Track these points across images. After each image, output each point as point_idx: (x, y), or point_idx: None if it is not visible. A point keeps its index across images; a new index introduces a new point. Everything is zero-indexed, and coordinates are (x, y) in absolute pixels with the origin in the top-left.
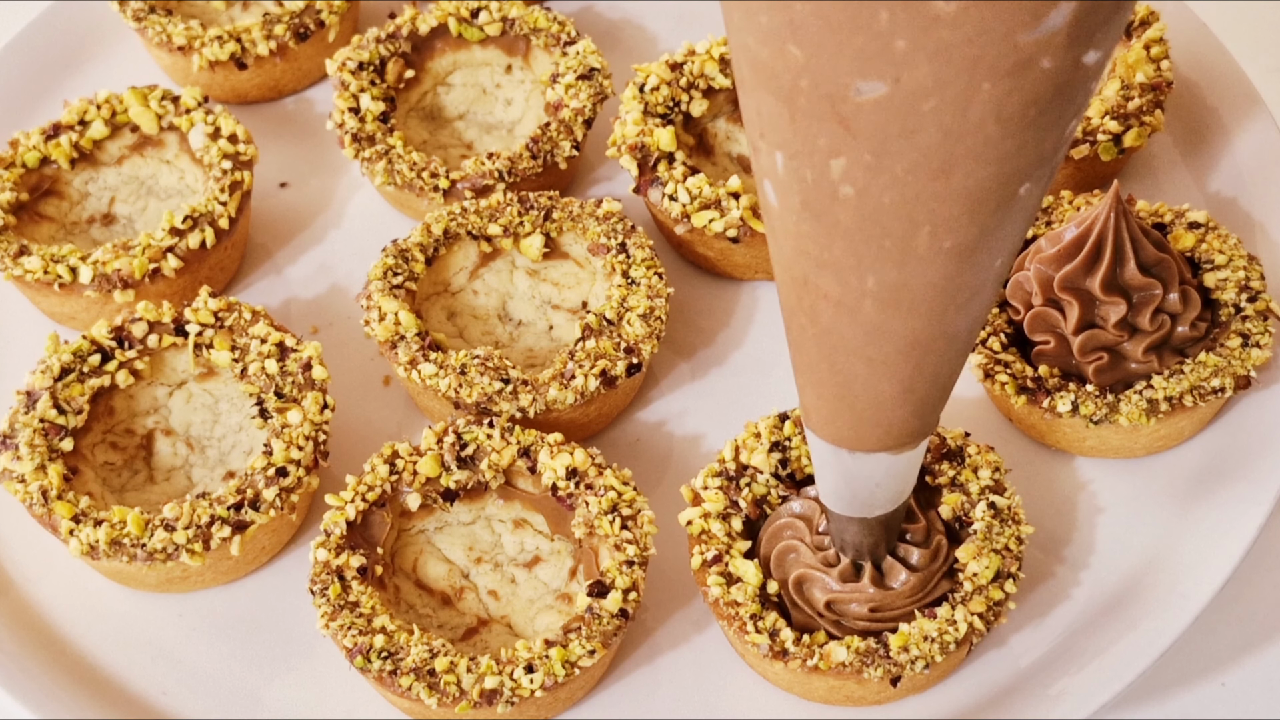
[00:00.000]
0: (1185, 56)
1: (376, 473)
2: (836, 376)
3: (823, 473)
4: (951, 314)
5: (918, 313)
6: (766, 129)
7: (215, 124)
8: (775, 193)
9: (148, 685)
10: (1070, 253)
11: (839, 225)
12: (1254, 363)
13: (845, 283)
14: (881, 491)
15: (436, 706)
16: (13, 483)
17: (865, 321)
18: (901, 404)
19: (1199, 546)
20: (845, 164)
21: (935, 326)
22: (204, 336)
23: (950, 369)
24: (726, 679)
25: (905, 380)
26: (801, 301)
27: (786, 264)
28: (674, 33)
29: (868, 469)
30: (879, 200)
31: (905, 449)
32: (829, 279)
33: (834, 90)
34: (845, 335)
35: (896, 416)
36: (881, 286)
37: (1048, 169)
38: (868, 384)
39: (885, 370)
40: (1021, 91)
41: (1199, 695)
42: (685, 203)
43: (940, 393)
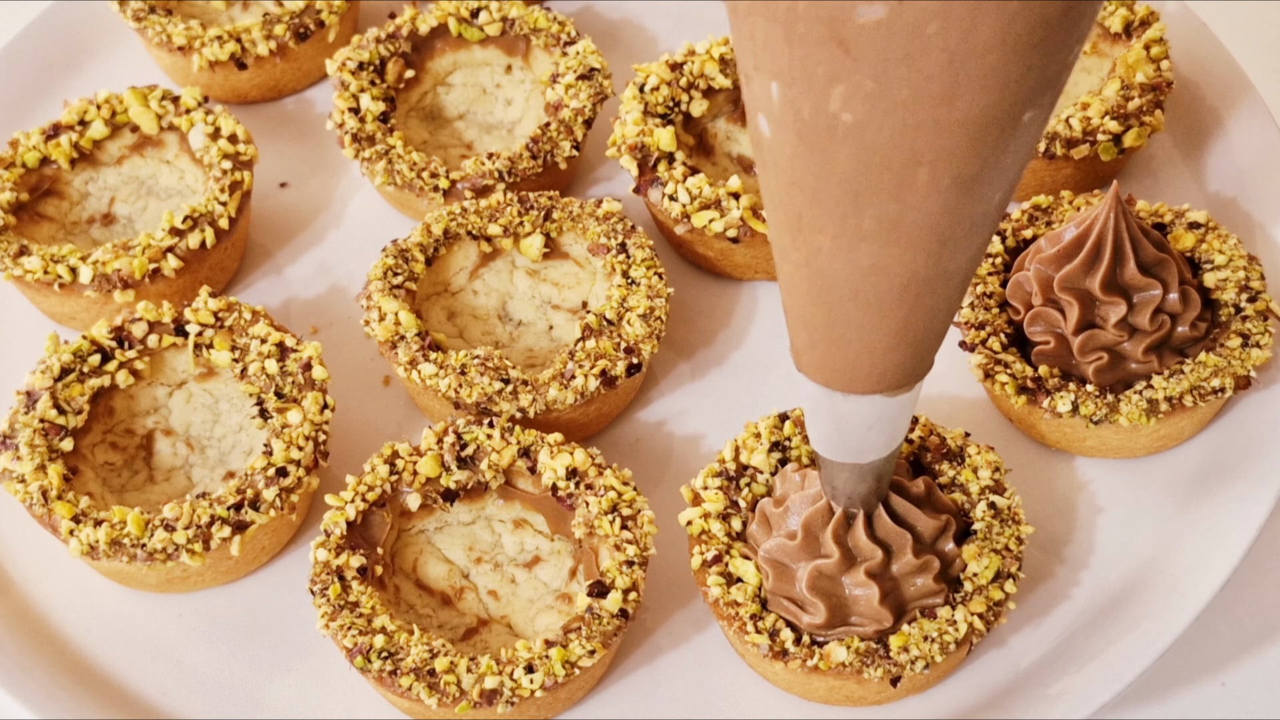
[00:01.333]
0: (1185, 56)
1: (376, 473)
2: (830, 317)
3: (814, 417)
4: (950, 250)
5: (915, 249)
6: (761, 57)
7: (215, 124)
8: (769, 125)
9: (148, 685)
10: (1070, 253)
11: (836, 158)
12: (1254, 363)
13: (841, 219)
14: (874, 435)
15: (436, 706)
16: (13, 483)
17: (861, 260)
18: (897, 344)
19: (1199, 546)
20: (844, 91)
21: (933, 264)
22: (204, 336)
23: (947, 308)
24: (726, 679)
25: (901, 319)
26: (795, 240)
27: (779, 201)
28: (674, 33)
29: (860, 412)
30: (879, 130)
31: (900, 391)
32: (824, 215)
33: (834, 12)
34: (840, 274)
35: (891, 357)
36: (879, 222)
37: (1051, 95)
38: (862, 324)
39: (881, 310)
40: (1029, 12)
41: (1199, 695)
42: (685, 203)
43: (937, 332)
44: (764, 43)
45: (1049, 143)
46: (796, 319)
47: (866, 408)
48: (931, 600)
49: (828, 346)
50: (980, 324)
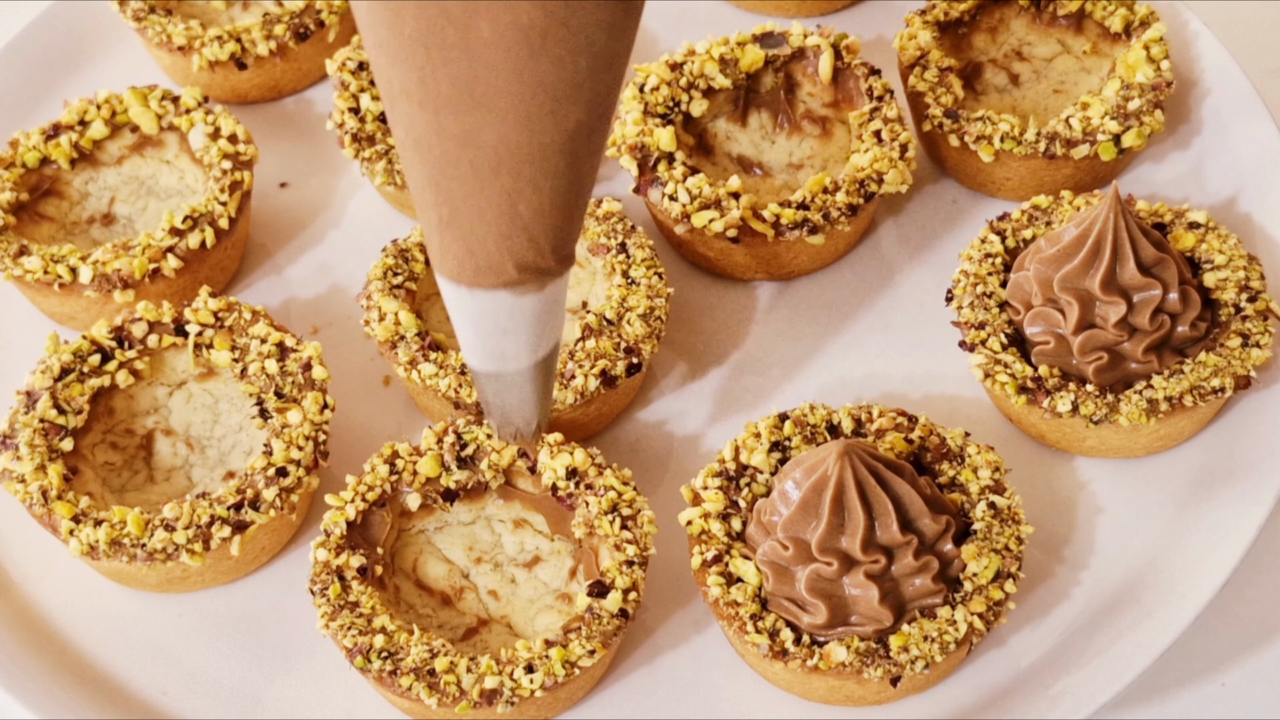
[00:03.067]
0: (1185, 56)
1: (376, 473)
2: (440, 196)
3: (456, 322)
4: (541, 122)
5: (498, 115)
6: None
7: (215, 124)
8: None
9: (148, 685)
10: (1070, 253)
11: (401, 11)
12: (1254, 363)
13: (421, 81)
14: (511, 340)
15: (436, 706)
16: (13, 483)
17: (449, 126)
18: (510, 231)
19: (1199, 546)
20: None
21: (525, 135)
22: (204, 336)
23: (559, 190)
24: (726, 679)
25: (507, 194)
26: (394, 111)
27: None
28: (674, 33)
29: (489, 310)
30: None
31: (527, 289)
32: (407, 77)
33: None
34: (437, 142)
35: (509, 243)
36: (455, 83)
37: None
38: (469, 200)
39: (482, 184)
40: None
41: (1199, 695)
42: (685, 203)
43: (558, 220)
44: None
45: (1049, 143)
46: (420, 209)
47: (495, 304)
48: (931, 600)
49: (446, 231)
50: (980, 324)
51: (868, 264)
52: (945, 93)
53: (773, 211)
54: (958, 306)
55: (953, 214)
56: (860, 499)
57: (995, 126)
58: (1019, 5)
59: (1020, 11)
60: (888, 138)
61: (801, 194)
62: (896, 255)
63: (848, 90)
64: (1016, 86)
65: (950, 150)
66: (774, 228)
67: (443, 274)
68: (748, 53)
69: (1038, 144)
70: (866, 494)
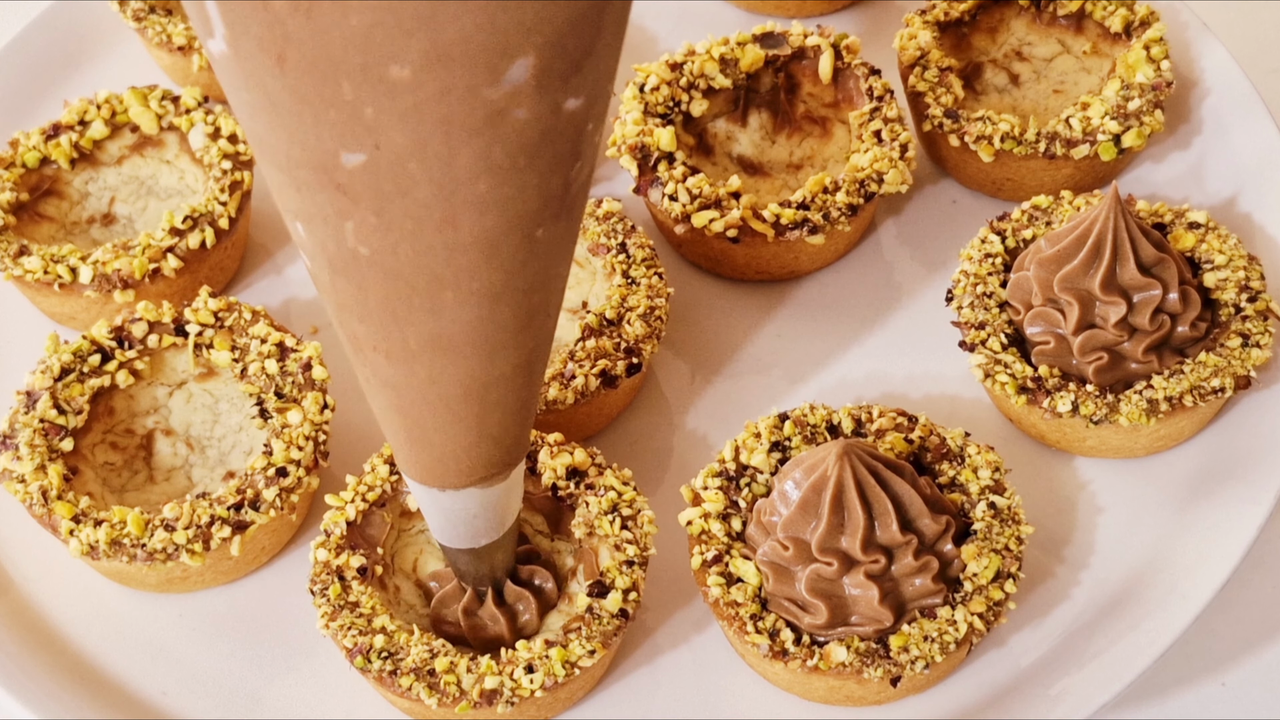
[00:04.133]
0: (1185, 57)
1: (376, 473)
2: (408, 422)
3: (425, 510)
4: (502, 355)
5: (465, 356)
6: (283, 201)
7: (215, 124)
8: (307, 258)
9: (148, 685)
10: (1070, 253)
11: (368, 283)
12: (1254, 363)
13: (389, 337)
14: (481, 522)
15: (436, 706)
16: (13, 483)
17: (420, 370)
18: (478, 442)
19: (1199, 546)
20: (354, 227)
21: (487, 369)
22: (204, 336)
23: (518, 402)
24: (726, 679)
25: (475, 420)
26: (358, 357)
27: (337, 322)
28: (674, 33)
29: (461, 504)
30: (395, 258)
31: (494, 481)
32: (374, 334)
33: (323, 159)
34: (404, 385)
35: (478, 453)
36: (422, 338)
37: (559, 210)
38: (439, 427)
39: (452, 413)
40: (504, 142)
41: (1199, 695)
42: (685, 203)
43: (518, 425)
44: (279, 188)
45: (1049, 143)
46: (384, 425)
47: (467, 500)
48: (931, 600)
49: (414, 449)
50: (980, 324)
51: (868, 264)
52: (945, 93)
53: (773, 211)
54: (958, 306)
55: (953, 214)
56: (860, 499)
57: (995, 126)
58: (1019, 5)
59: (1020, 11)
60: (888, 138)
61: (801, 194)
62: (896, 255)
63: (848, 90)
64: (1016, 86)
65: (950, 150)
66: (774, 228)
67: (411, 478)
68: (748, 53)
69: (1038, 144)
70: (866, 494)
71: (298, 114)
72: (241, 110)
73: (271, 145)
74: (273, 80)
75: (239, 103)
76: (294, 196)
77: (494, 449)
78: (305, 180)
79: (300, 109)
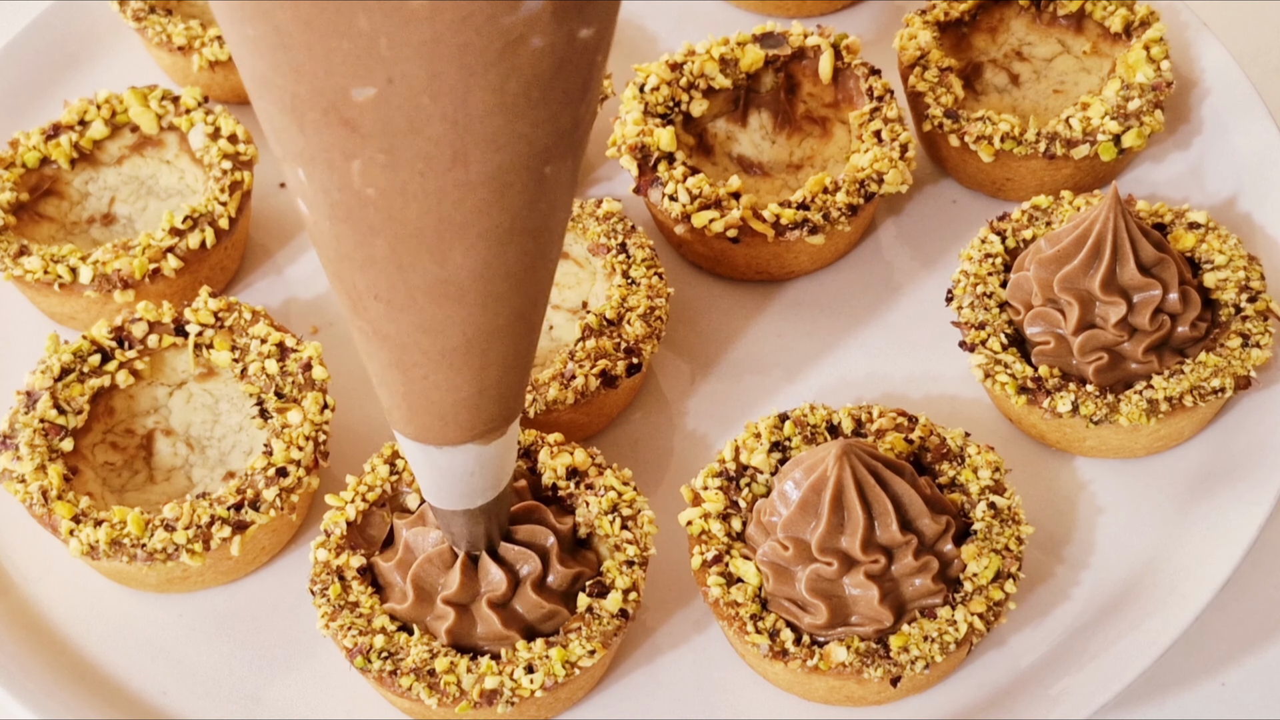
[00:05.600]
0: (1185, 56)
1: (376, 473)
2: (407, 376)
3: (418, 470)
4: (505, 302)
5: (467, 306)
6: (284, 145)
7: (215, 124)
8: (306, 206)
9: (148, 685)
10: (1070, 253)
11: (372, 226)
12: (1254, 363)
13: (391, 281)
14: (477, 480)
15: (436, 706)
16: (13, 483)
17: (420, 319)
18: (477, 396)
19: (1199, 546)
20: (361, 166)
21: (489, 317)
22: (204, 336)
23: (517, 354)
24: (726, 679)
25: (476, 371)
26: (357, 309)
27: (335, 273)
28: (674, 33)
29: (458, 461)
30: (403, 198)
31: (493, 436)
32: (376, 283)
33: (332, 95)
34: (405, 336)
35: (477, 407)
36: (426, 284)
37: (569, 146)
38: (439, 380)
39: (453, 364)
40: (519, 72)
41: (1199, 695)
42: (685, 203)
43: (516, 378)
44: (282, 130)
45: (1049, 143)
46: (379, 382)
47: (464, 457)
48: (931, 600)
49: (412, 405)
50: (980, 324)
51: (868, 264)
52: (945, 93)
53: (773, 211)
54: (958, 306)
55: (953, 214)
56: (860, 499)
57: (995, 126)
58: (1019, 5)
59: (1020, 11)
60: (888, 138)
61: (801, 194)
62: (896, 255)
63: (848, 90)
64: (1016, 86)
65: (950, 150)
66: (774, 228)
67: (407, 436)
68: (748, 53)
69: (1038, 144)
70: (866, 494)
71: (307, 46)
72: (243, 49)
73: (275, 84)
74: (282, 11)
75: (241, 39)
76: (297, 137)
77: (492, 403)
78: (311, 119)
79: (310, 41)
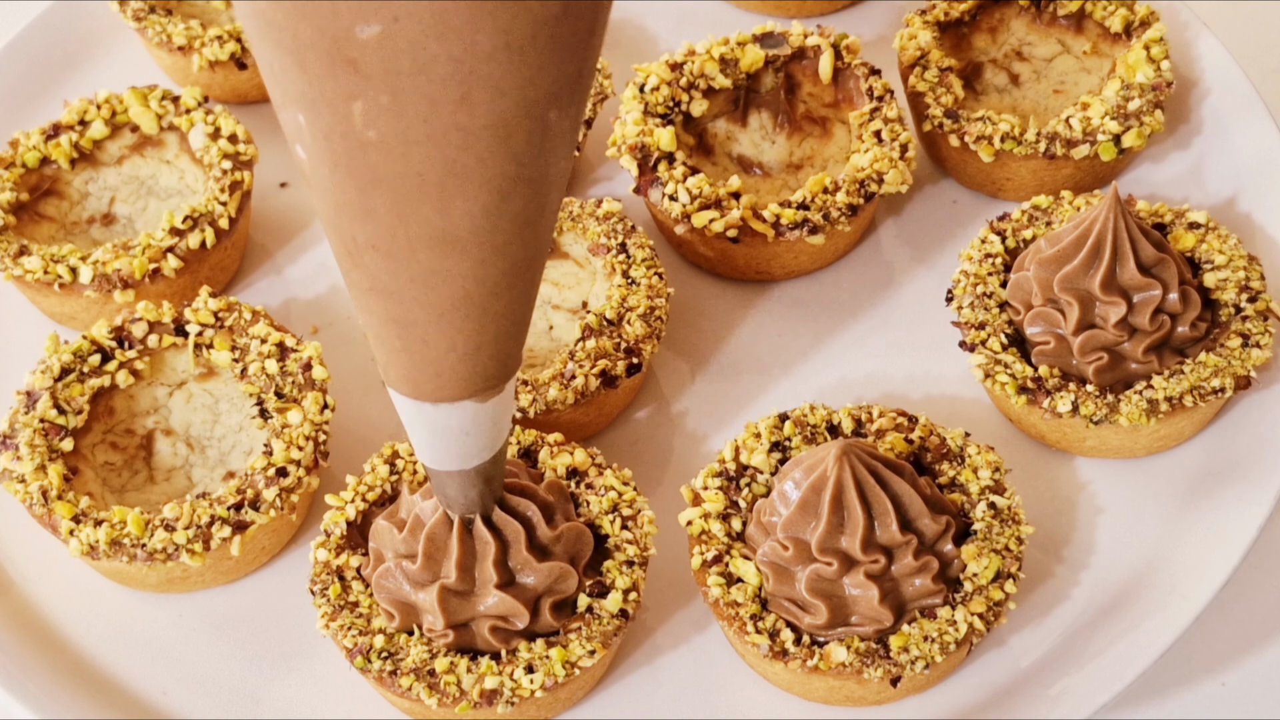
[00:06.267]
0: (1185, 57)
1: (376, 473)
2: (404, 331)
3: (412, 430)
4: (505, 254)
5: (468, 255)
6: (285, 88)
7: (215, 124)
8: (306, 153)
9: (148, 685)
10: (1070, 253)
11: (373, 173)
12: (1254, 363)
13: (391, 232)
14: (472, 440)
15: (436, 706)
16: (13, 483)
17: (419, 269)
18: (475, 350)
19: (1199, 546)
20: (364, 107)
21: (490, 268)
22: (204, 336)
23: (516, 309)
24: (726, 679)
25: (475, 325)
26: (355, 262)
27: (332, 224)
28: (674, 33)
29: (454, 419)
30: (406, 141)
31: (490, 394)
32: (375, 233)
33: (336, 33)
34: (402, 286)
35: (475, 363)
36: (427, 233)
37: (573, 93)
38: (436, 334)
39: (451, 319)
40: (527, 13)
41: (1199, 695)
42: (685, 203)
43: (517, 332)
44: (282, 72)
45: (1049, 143)
46: (374, 338)
47: (459, 414)
48: (931, 600)
49: (409, 360)
50: (980, 324)
51: (868, 264)
52: (945, 93)
53: (773, 211)
54: (958, 306)
55: (953, 214)
56: (859, 499)
57: (995, 126)
58: (1019, 5)
59: (1020, 11)
60: (888, 138)
61: (801, 194)
62: (896, 255)
63: (848, 90)
64: (1016, 86)
65: (950, 150)
66: (774, 228)
67: (401, 392)
68: (748, 53)
69: (1038, 144)
70: (866, 494)
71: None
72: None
73: (278, 23)
74: None
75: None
76: (298, 79)
77: (491, 359)
78: (313, 59)
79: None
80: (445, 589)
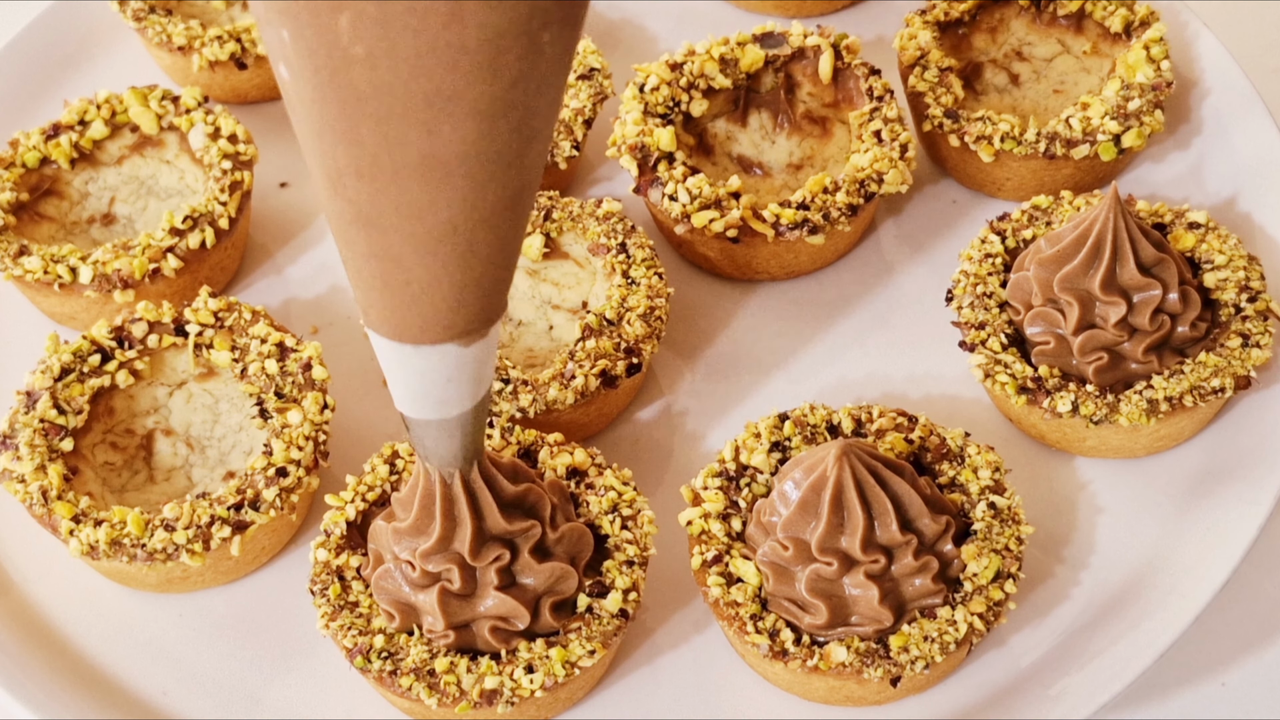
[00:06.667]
0: (1185, 56)
1: (376, 473)
2: (387, 264)
3: (392, 376)
4: (493, 185)
5: (456, 182)
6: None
7: (215, 124)
8: (289, 72)
9: (148, 685)
10: (1070, 253)
11: (359, 93)
12: (1254, 363)
13: (375, 158)
14: (454, 388)
15: (436, 706)
16: (13, 483)
17: (404, 198)
18: (460, 288)
19: (1199, 546)
20: (350, 20)
21: (478, 197)
22: (204, 336)
23: (503, 245)
24: (726, 679)
25: (460, 261)
26: (338, 191)
27: (315, 152)
28: (674, 33)
29: (436, 363)
30: (393, 57)
31: (474, 338)
32: (360, 159)
33: None
34: (387, 221)
35: (459, 302)
36: (413, 159)
37: (567, 14)
38: (420, 271)
39: (435, 252)
40: None
41: (1199, 695)
42: (685, 203)
43: (503, 272)
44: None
45: (1049, 143)
46: (357, 272)
47: (440, 359)
48: (931, 600)
49: (390, 298)
50: (980, 324)
51: (868, 264)
52: (945, 93)
53: (773, 211)
54: (958, 306)
55: (953, 214)
56: (859, 499)
57: (995, 126)
58: (1019, 5)
59: (1020, 11)
60: (888, 138)
61: (801, 194)
62: (896, 255)
63: (848, 90)
64: (1016, 86)
65: (950, 150)
66: (774, 228)
67: (382, 334)
68: (748, 53)
69: (1038, 144)
70: (866, 494)
71: None
72: None
73: None
74: None
75: None
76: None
77: (475, 299)
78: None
79: None
80: (445, 590)
